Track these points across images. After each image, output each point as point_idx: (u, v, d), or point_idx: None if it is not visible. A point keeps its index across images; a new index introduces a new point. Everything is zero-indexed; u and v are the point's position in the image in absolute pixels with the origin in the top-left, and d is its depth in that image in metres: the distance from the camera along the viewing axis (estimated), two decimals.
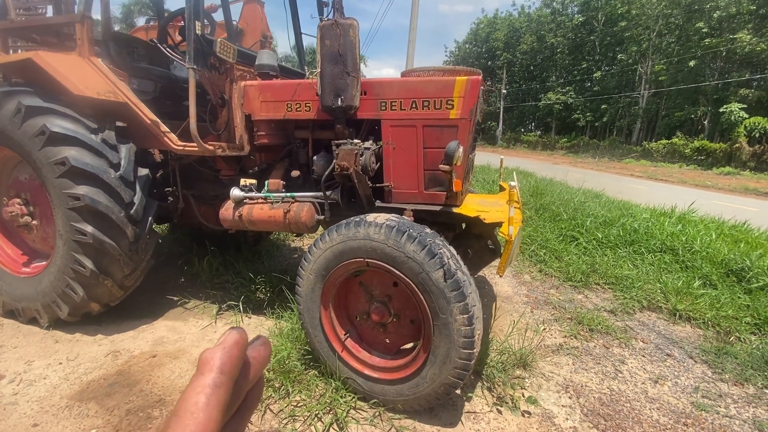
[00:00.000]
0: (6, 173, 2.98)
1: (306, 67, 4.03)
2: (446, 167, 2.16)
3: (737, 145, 23.49)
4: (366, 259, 2.05)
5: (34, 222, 2.86)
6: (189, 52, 2.52)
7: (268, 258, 4.24)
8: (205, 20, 3.77)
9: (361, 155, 2.46)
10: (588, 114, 39.51)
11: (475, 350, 1.91)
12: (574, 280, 4.09)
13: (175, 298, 3.39)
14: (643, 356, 2.89)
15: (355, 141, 2.52)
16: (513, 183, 2.19)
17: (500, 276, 2.35)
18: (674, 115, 32.35)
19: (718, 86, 27.86)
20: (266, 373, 2.31)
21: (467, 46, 60.01)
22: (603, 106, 37.60)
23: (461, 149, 2.20)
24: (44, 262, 2.91)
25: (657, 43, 32.73)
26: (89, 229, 2.50)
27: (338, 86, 2.46)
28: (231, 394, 0.31)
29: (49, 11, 6.45)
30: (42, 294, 2.74)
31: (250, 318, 3.11)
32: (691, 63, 28.71)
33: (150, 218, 2.80)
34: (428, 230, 2.04)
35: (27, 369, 2.42)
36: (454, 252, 2.02)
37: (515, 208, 2.70)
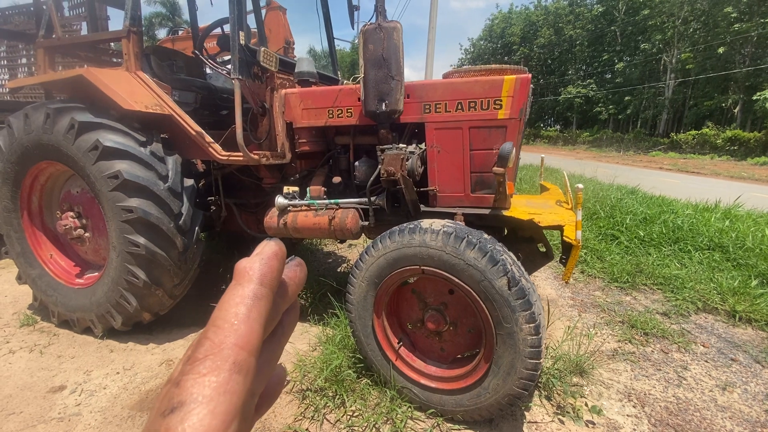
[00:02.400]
0: (58, 187, 3.08)
1: (338, 72, 4.02)
2: (500, 169, 2.09)
3: None
4: (422, 267, 2.01)
5: (87, 234, 2.94)
6: (234, 62, 2.53)
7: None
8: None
9: (407, 160, 2.42)
10: (610, 106, 38.43)
11: (542, 360, 1.84)
12: (620, 281, 3.94)
13: None
14: (706, 361, 2.75)
15: (401, 145, 2.48)
16: (580, 185, 2.11)
17: (566, 282, 2.27)
18: (703, 105, 31.13)
19: (750, 73, 26.62)
20: (318, 380, 2.30)
21: (482, 42, 59.27)
22: (626, 98, 36.50)
23: (515, 150, 2.14)
24: (96, 273, 2.98)
25: (682, 30, 31.54)
26: (142, 240, 2.54)
27: (382, 90, 2.42)
28: (271, 309, 0.29)
29: (84, 28, 6.69)
30: (96, 304, 2.80)
31: None
32: (720, 50, 27.53)
33: (197, 228, 2.84)
34: (486, 236, 1.98)
35: (86, 379, 2.48)
36: (515, 258, 1.95)
37: (568, 208, 2.61)
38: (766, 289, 3.62)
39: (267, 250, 0.30)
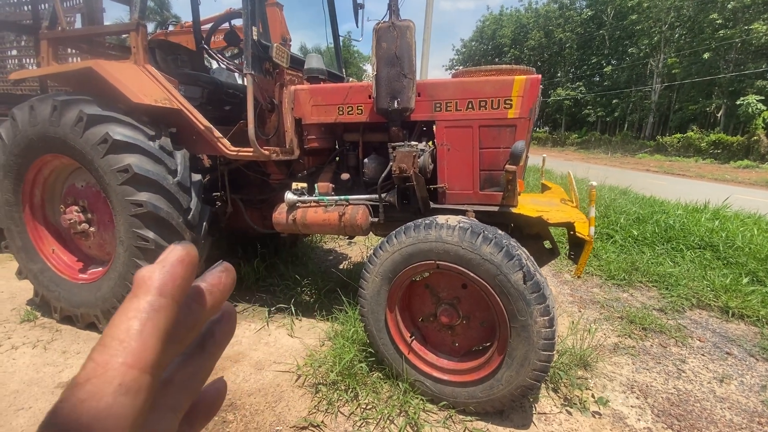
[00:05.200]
0: (61, 181, 3.03)
1: (344, 70, 4.04)
2: (512, 167, 2.14)
3: (755, 137, 23.07)
4: (437, 262, 2.04)
5: (92, 229, 2.90)
6: (247, 57, 2.53)
7: (306, 261, 4.26)
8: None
9: (419, 157, 2.46)
10: (599, 109, 39.12)
11: (554, 352, 1.89)
12: (617, 279, 4.04)
13: None
14: (703, 355, 2.85)
15: (412, 143, 2.52)
16: (594, 183, 2.17)
17: (578, 277, 2.34)
18: (688, 109, 31.90)
19: (734, 78, 27.38)
20: (331, 374, 2.31)
21: (473, 43, 59.72)
22: (614, 101, 37.21)
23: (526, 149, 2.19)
24: (101, 269, 2.95)
25: (669, 35, 32.28)
26: (151, 235, 2.53)
27: (395, 88, 2.45)
28: (176, 320, 0.26)
29: (78, 20, 6.57)
30: (102, 299, 2.77)
31: (300, 321, 3.13)
32: (705, 55, 28.25)
33: (204, 223, 2.83)
34: (501, 232, 2.03)
35: None
36: (528, 254, 2.00)
37: (573, 206, 2.68)
38: (756, 286, 3.76)
39: (170, 256, 0.27)
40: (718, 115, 29.88)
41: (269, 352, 2.70)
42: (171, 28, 6.05)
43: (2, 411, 2.11)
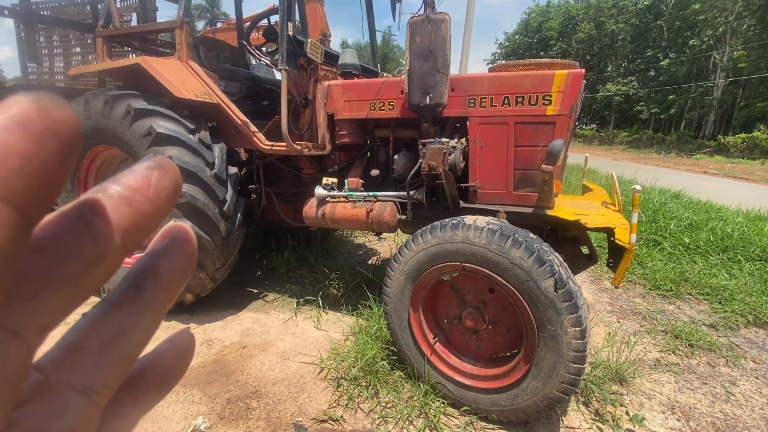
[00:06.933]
0: (110, 171, 3.23)
1: (379, 65, 4.01)
2: (548, 167, 2.04)
3: None
4: (463, 264, 1.99)
5: None
6: (282, 53, 2.57)
7: (336, 254, 4.31)
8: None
9: (450, 154, 2.40)
10: (653, 106, 36.58)
11: (586, 365, 1.79)
12: (663, 289, 3.77)
13: (255, 291, 3.52)
14: (757, 378, 2.60)
15: (443, 139, 2.46)
16: (638, 186, 2.02)
17: (616, 287, 2.20)
18: (755, 106, 29.14)
19: None
20: (353, 369, 2.32)
21: (517, 37, 57.64)
22: (670, 97, 34.65)
23: (564, 148, 2.07)
24: (142, 254, 3.13)
25: (735, 26, 29.56)
26: (189, 224, 2.62)
27: (427, 84, 2.40)
28: (37, 246, 0.16)
29: (134, 19, 6.95)
30: None
31: (327, 313, 3.17)
32: None
33: (239, 214, 2.92)
34: (533, 235, 1.93)
35: None
36: (562, 260, 1.90)
37: (615, 209, 2.51)
38: None
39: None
40: None
41: (295, 343, 2.76)
42: (219, 25, 6.28)
43: None
